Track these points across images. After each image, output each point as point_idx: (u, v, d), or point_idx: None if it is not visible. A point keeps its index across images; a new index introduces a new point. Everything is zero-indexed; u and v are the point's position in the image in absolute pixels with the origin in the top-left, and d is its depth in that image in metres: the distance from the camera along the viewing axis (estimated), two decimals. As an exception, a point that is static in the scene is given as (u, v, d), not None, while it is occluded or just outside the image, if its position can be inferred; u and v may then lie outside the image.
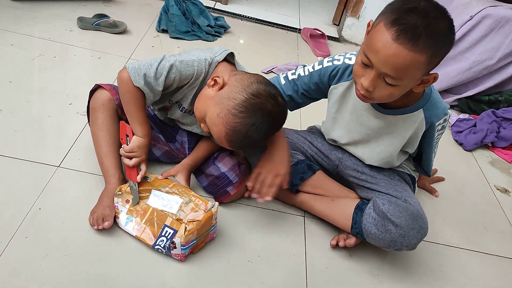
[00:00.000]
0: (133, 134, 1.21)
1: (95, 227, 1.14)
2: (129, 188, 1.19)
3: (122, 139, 1.23)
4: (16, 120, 1.44)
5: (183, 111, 1.29)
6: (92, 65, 1.86)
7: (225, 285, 1.12)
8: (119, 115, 1.26)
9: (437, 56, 0.97)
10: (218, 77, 1.14)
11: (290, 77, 1.31)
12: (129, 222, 1.16)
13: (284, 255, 1.24)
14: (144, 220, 1.15)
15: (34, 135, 1.40)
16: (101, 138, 1.24)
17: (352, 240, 1.25)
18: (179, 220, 1.13)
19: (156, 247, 1.13)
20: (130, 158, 1.21)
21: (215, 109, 1.11)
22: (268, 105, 1.10)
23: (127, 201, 1.17)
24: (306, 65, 1.30)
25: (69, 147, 1.39)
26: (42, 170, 1.28)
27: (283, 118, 1.17)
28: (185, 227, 1.09)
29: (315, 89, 1.29)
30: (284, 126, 1.22)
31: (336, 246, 1.28)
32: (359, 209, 1.24)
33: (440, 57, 0.98)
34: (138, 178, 1.20)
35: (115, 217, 1.17)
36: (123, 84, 1.17)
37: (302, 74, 1.29)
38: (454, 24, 0.97)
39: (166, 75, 1.16)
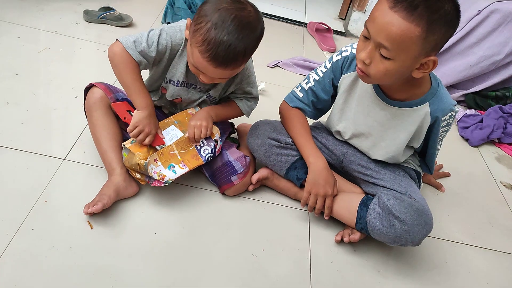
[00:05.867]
0: (134, 109, 1.20)
1: (84, 210, 1.13)
2: (150, 157, 1.20)
3: (125, 118, 1.20)
4: (22, 112, 1.45)
5: (178, 85, 1.26)
6: (98, 58, 1.86)
7: (229, 278, 1.12)
8: (113, 111, 1.27)
9: (434, 32, 0.96)
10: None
11: (306, 87, 1.32)
12: (174, 168, 1.20)
13: (289, 250, 1.24)
14: (179, 156, 1.21)
15: (40, 127, 1.41)
16: (99, 135, 1.25)
17: (356, 236, 1.25)
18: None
19: (208, 157, 1.26)
20: (137, 136, 1.18)
21: (189, 44, 1.11)
22: (223, 4, 1.06)
23: (156, 160, 1.19)
24: (317, 68, 1.31)
25: (75, 140, 1.39)
26: (48, 163, 1.29)
27: (252, 17, 1.09)
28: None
29: (332, 86, 1.29)
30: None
31: (340, 242, 1.28)
32: (364, 205, 1.23)
33: (437, 35, 0.97)
34: (166, 140, 1.23)
35: (162, 180, 1.19)
36: (116, 55, 1.15)
37: (316, 78, 1.30)
38: (460, 9, 0.97)
39: (158, 40, 1.16)
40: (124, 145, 1.21)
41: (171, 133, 1.25)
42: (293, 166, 1.32)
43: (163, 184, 1.19)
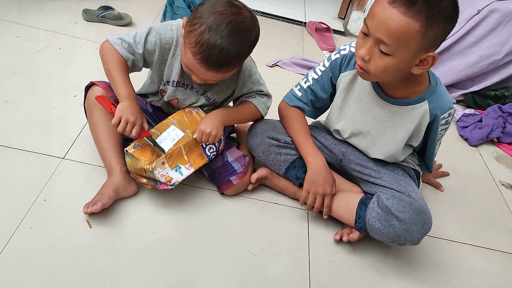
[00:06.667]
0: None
1: (84, 209, 1.13)
2: (156, 162, 1.18)
3: (111, 109, 1.18)
4: (21, 111, 1.45)
5: (174, 85, 1.26)
6: (97, 57, 1.82)
7: (228, 277, 1.12)
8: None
9: (433, 28, 0.96)
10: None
11: (305, 86, 1.32)
12: (180, 170, 1.21)
13: (288, 249, 1.24)
14: (185, 157, 1.23)
15: (39, 126, 1.41)
16: (99, 134, 1.25)
17: (355, 235, 1.25)
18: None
19: (212, 155, 1.27)
20: (124, 129, 1.14)
21: (183, 43, 1.11)
22: (219, 8, 1.06)
23: (163, 163, 1.19)
24: (315, 67, 1.31)
25: (74, 139, 1.39)
26: (47, 162, 1.29)
27: (247, 22, 1.09)
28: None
29: (331, 85, 1.30)
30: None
31: (339, 241, 1.28)
32: (363, 204, 1.23)
33: (436, 31, 0.97)
34: (149, 131, 1.19)
35: (169, 182, 1.19)
36: (104, 50, 1.19)
37: (315, 76, 1.30)
38: (458, 5, 0.98)
39: (145, 38, 1.18)
40: (126, 151, 1.20)
41: (172, 134, 1.24)
42: (292, 165, 1.32)
43: (170, 187, 1.19)
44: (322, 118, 1.44)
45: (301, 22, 2.77)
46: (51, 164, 1.29)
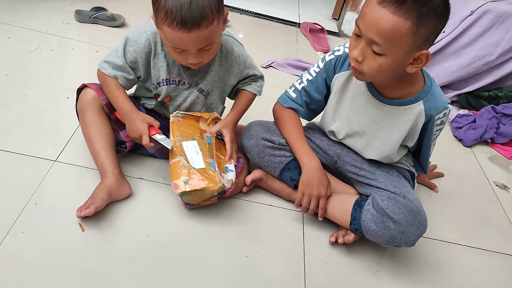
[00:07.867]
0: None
1: (77, 213, 1.12)
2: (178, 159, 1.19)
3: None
4: (12, 113, 1.43)
5: (164, 83, 1.26)
6: (89, 59, 1.85)
7: (223, 280, 1.11)
8: (106, 112, 1.27)
9: (424, 25, 0.96)
10: None
11: (299, 87, 1.32)
12: (228, 168, 1.26)
13: (283, 251, 1.23)
14: (222, 156, 1.28)
15: (30, 129, 1.39)
16: (92, 136, 1.25)
17: (350, 237, 1.25)
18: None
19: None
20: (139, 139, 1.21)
21: (160, 31, 1.14)
22: None
23: (221, 174, 1.21)
24: (310, 68, 1.32)
25: (66, 141, 1.38)
26: (38, 165, 1.27)
27: None
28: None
29: (325, 86, 1.29)
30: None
31: (335, 243, 1.28)
32: (358, 205, 1.23)
33: (428, 28, 0.97)
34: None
35: (232, 183, 1.23)
36: (99, 78, 1.25)
37: (309, 78, 1.30)
38: (449, 1, 0.98)
39: (123, 49, 1.20)
40: (179, 194, 1.15)
41: (190, 149, 1.22)
42: (287, 167, 1.32)
43: (232, 186, 1.23)
44: (316, 119, 1.44)
45: (295, 23, 2.77)
46: (43, 166, 1.27)
